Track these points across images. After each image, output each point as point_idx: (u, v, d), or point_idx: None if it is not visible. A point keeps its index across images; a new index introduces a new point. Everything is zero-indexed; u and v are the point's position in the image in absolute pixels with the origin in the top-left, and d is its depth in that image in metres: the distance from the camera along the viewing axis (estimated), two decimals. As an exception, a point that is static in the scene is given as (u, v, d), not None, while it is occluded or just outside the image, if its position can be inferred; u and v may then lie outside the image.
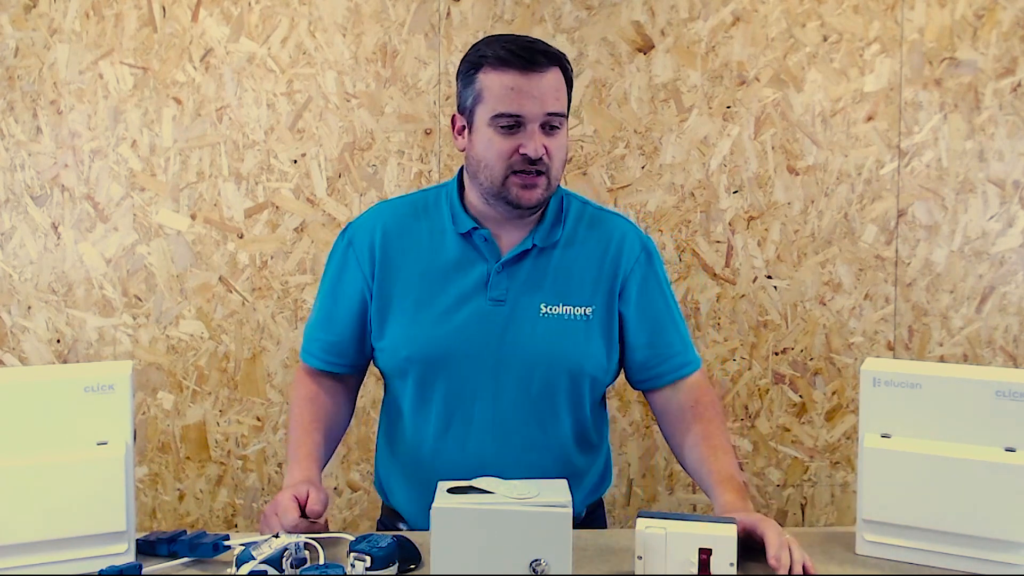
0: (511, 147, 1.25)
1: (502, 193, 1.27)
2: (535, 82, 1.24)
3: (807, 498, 2.20)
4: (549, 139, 1.26)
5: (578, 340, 1.31)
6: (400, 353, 1.32)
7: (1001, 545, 1.08)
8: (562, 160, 1.30)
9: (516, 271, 1.31)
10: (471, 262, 1.32)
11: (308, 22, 2.10)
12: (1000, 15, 2.12)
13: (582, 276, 1.33)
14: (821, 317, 2.16)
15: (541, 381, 1.30)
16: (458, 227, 1.33)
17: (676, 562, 1.03)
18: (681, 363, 1.36)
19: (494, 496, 1.04)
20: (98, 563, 1.08)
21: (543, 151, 1.25)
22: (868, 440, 1.14)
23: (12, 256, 2.11)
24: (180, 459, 2.15)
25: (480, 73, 1.26)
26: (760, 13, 2.11)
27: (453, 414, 1.31)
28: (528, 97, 1.24)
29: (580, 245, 1.35)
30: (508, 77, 1.24)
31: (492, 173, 1.27)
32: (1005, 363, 2.17)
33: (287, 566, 1.06)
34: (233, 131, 2.11)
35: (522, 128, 1.25)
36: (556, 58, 1.28)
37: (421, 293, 1.32)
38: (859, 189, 2.14)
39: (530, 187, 1.26)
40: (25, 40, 2.08)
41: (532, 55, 1.24)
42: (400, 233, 1.35)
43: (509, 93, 1.24)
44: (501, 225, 1.33)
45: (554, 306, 1.30)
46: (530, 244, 1.32)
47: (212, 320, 2.13)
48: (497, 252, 1.32)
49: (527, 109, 1.24)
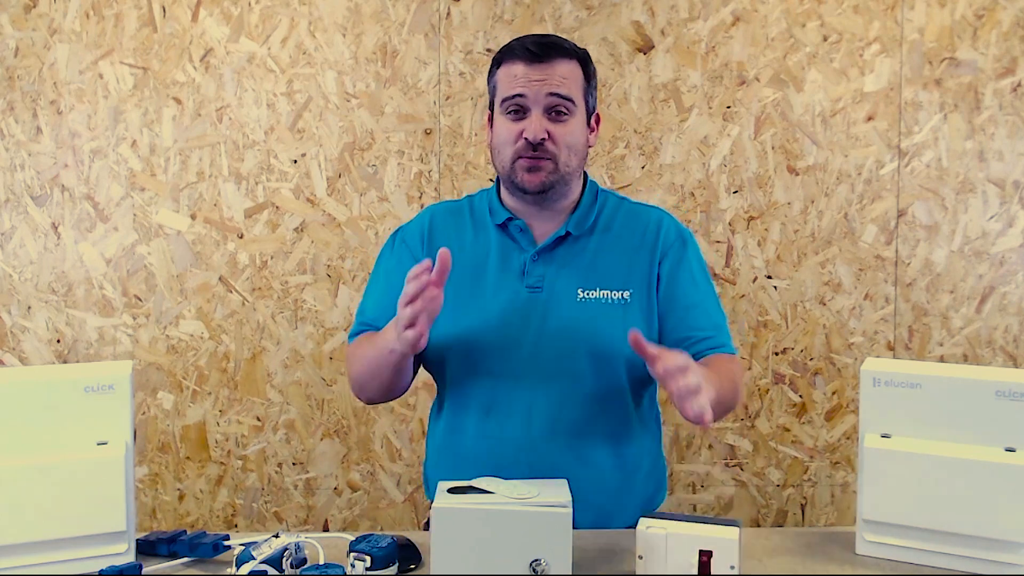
0: (517, 132, 1.30)
1: (512, 177, 1.32)
2: (539, 69, 1.29)
3: (807, 498, 2.20)
4: (555, 125, 1.29)
5: (615, 322, 1.30)
6: (441, 342, 1.33)
7: (1001, 545, 1.08)
8: (572, 147, 1.31)
9: (551, 258, 1.33)
10: (508, 251, 1.35)
11: (308, 22, 2.10)
12: (1000, 15, 2.12)
13: (618, 261, 1.34)
14: (821, 317, 2.16)
15: (580, 366, 1.30)
16: (495, 219, 1.37)
17: (676, 563, 1.03)
18: (710, 346, 1.33)
19: (494, 496, 1.04)
20: (98, 563, 1.08)
21: (544, 135, 1.28)
22: (868, 440, 1.14)
23: (12, 256, 2.11)
24: (180, 459, 2.15)
25: (499, 69, 1.33)
26: (760, 13, 2.11)
27: (493, 402, 1.31)
28: (531, 81, 1.28)
29: (616, 231, 1.36)
30: (516, 67, 1.30)
31: (502, 158, 1.32)
32: (1005, 363, 2.17)
33: (287, 566, 1.06)
34: (233, 131, 2.11)
35: (528, 113, 1.29)
36: (571, 52, 1.32)
37: (461, 283, 1.33)
38: (859, 189, 2.14)
39: (534, 170, 1.30)
40: (25, 40, 2.08)
41: (544, 48, 1.29)
42: (446, 225, 1.40)
43: (514, 80, 1.30)
44: (534, 216, 1.36)
45: (591, 291, 1.31)
46: (564, 231, 1.34)
47: (212, 320, 2.13)
48: (532, 240, 1.35)
49: (528, 91, 1.28)
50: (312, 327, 2.13)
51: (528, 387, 1.30)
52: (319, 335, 2.13)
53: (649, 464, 1.40)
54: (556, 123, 1.29)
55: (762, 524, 2.19)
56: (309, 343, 2.14)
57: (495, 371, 1.31)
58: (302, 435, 2.15)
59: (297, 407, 2.15)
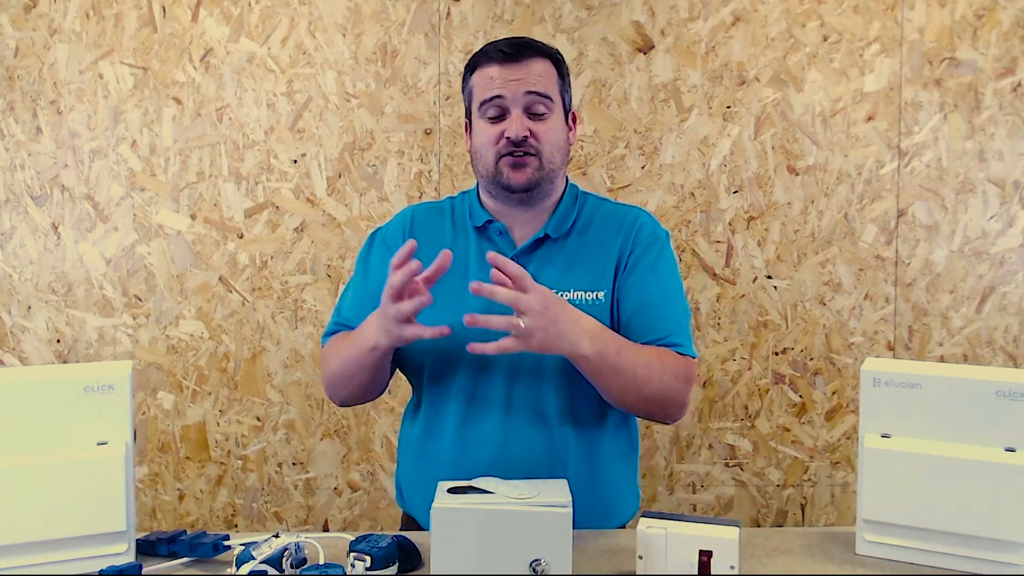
0: (497, 133, 1.31)
1: (496, 177, 1.32)
2: (515, 69, 1.30)
3: (807, 498, 2.20)
4: (535, 123, 1.31)
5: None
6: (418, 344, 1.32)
7: (1001, 545, 1.08)
8: (555, 144, 1.32)
9: (531, 260, 1.34)
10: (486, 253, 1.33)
11: (308, 22, 2.10)
12: (1000, 15, 2.11)
13: (592, 262, 1.34)
14: (821, 317, 2.16)
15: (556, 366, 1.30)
16: (474, 221, 1.38)
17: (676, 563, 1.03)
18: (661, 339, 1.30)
19: (494, 496, 1.04)
20: (98, 563, 1.08)
21: (526, 132, 1.29)
22: (868, 440, 1.14)
23: (12, 256, 2.11)
24: (180, 459, 2.15)
25: (473, 74, 1.35)
26: (760, 13, 2.11)
27: (471, 404, 1.32)
28: (507, 81, 1.30)
29: (593, 232, 1.37)
30: (492, 69, 1.32)
31: (485, 160, 1.33)
32: (1005, 363, 2.17)
33: (287, 566, 1.06)
34: (233, 131, 2.11)
35: (507, 114, 1.31)
36: (543, 51, 1.33)
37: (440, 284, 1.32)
38: (859, 189, 2.14)
39: (519, 167, 1.31)
40: (25, 40, 2.08)
41: (516, 48, 1.31)
42: (427, 224, 1.40)
43: (490, 82, 1.31)
44: (514, 218, 1.37)
45: (566, 292, 1.31)
46: (543, 233, 1.35)
47: (212, 320, 2.13)
48: (512, 243, 1.36)
49: (506, 91, 1.30)
50: (312, 327, 2.13)
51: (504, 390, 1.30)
52: (319, 335, 2.13)
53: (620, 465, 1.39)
54: (536, 121, 1.31)
55: (762, 524, 2.19)
56: (309, 343, 2.13)
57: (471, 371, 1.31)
58: (302, 435, 2.15)
59: (297, 407, 2.15)
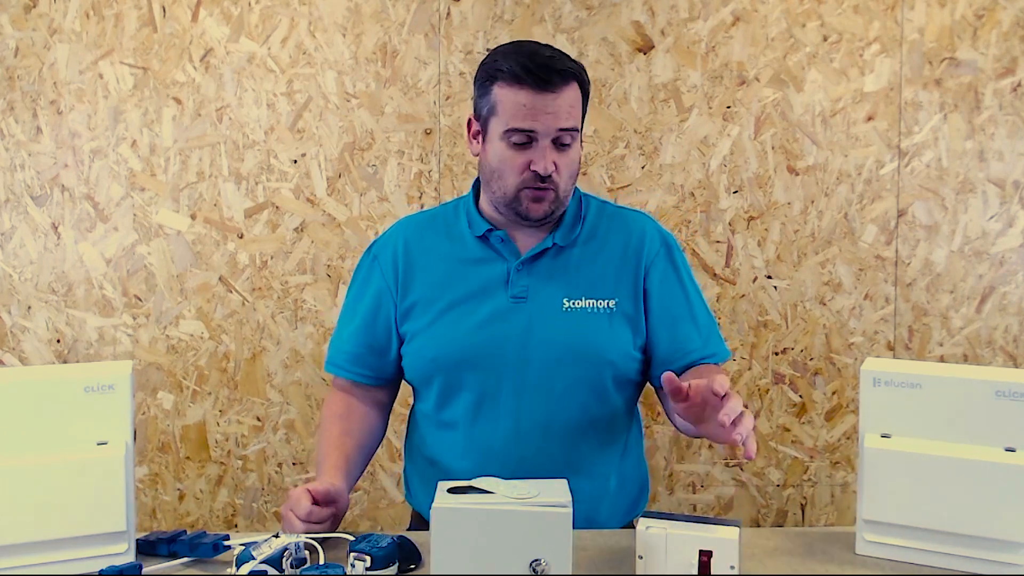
0: (523, 162, 1.27)
1: (513, 204, 1.31)
2: (549, 100, 1.25)
3: (807, 498, 2.20)
4: (559, 155, 1.28)
5: (601, 330, 1.31)
6: (426, 355, 1.33)
7: (1001, 545, 1.08)
8: (572, 174, 1.31)
9: (536, 268, 1.33)
10: (490, 261, 1.34)
11: (308, 22, 2.10)
12: (1000, 15, 2.11)
13: (604, 269, 1.34)
14: (821, 317, 2.16)
15: (566, 374, 1.30)
16: (474, 230, 1.35)
17: (676, 563, 1.03)
18: (699, 359, 1.35)
19: (494, 496, 1.04)
20: (98, 563, 1.08)
21: (552, 168, 1.26)
22: (868, 440, 1.14)
23: (12, 256, 2.11)
24: (180, 459, 2.15)
25: (495, 86, 1.28)
26: (760, 13, 2.11)
27: (480, 413, 1.31)
28: (541, 114, 1.25)
29: (601, 240, 1.36)
30: (523, 94, 1.25)
31: (504, 185, 1.30)
32: (1005, 363, 2.17)
33: (287, 566, 1.06)
34: (233, 131, 2.11)
35: (534, 143, 1.26)
36: (572, 75, 1.27)
37: (443, 296, 1.33)
38: (859, 189, 2.14)
39: (539, 200, 1.29)
40: (25, 40, 2.08)
41: (548, 74, 1.24)
42: (421, 241, 1.38)
43: (522, 110, 1.25)
44: (517, 229, 1.36)
45: (576, 300, 1.31)
46: (550, 243, 1.33)
47: (212, 320, 2.13)
48: (516, 251, 1.34)
49: (539, 125, 1.25)
50: (312, 327, 2.13)
51: (514, 397, 1.30)
52: (319, 335, 2.13)
53: (632, 470, 1.41)
54: (560, 152, 1.28)
55: (762, 524, 2.19)
56: (309, 343, 2.14)
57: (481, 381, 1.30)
58: (302, 435, 2.15)
59: (297, 407, 2.15)
